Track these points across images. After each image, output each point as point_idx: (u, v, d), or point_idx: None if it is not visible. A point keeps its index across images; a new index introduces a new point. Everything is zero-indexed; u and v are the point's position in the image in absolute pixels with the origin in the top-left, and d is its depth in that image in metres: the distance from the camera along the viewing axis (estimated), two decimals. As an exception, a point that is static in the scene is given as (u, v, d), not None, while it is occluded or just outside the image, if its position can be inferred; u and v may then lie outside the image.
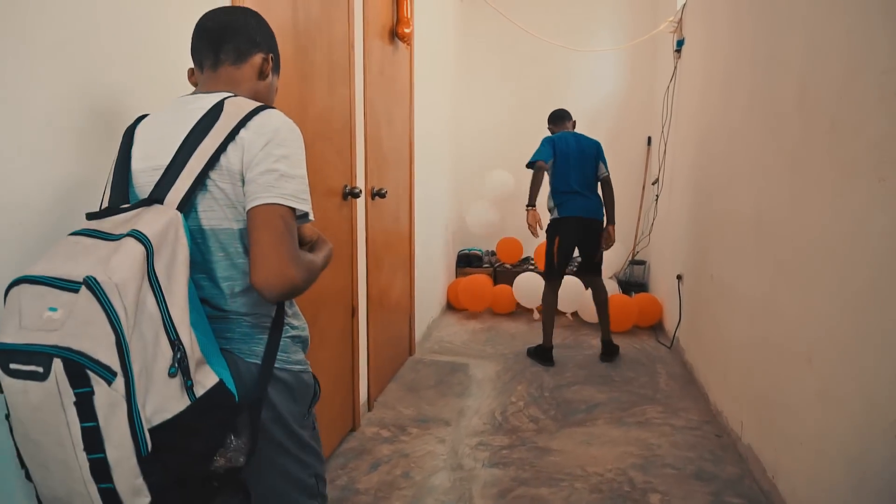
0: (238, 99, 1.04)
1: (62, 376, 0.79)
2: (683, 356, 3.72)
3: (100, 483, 0.81)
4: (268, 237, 0.97)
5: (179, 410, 0.88)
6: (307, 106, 2.12)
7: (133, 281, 0.84)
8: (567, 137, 3.72)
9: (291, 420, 1.13)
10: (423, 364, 3.67)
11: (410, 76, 3.56)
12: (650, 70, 5.09)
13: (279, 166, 0.99)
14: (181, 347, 0.88)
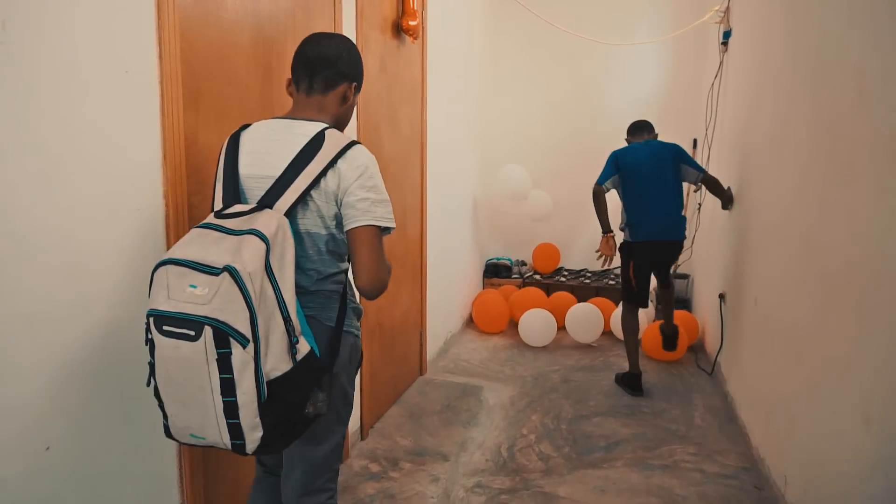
0: (334, 132, 1.29)
1: (210, 339, 1.04)
2: (724, 386, 3.31)
3: (229, 419, 1.08)
4: (367, 252, 1.25)
5: (287, 370, 1.14)
6: (272, 106, 1.87)
7: (259, 271, 1.09)
8: (636, 149, 3.30)
9: (346, 377, 1.38)
10: (432, 385, 3.39)
11: (422, 74, 3.30)
12: (695, 65, 4.65)
13: (370, 195, 1.25)
14: (290, 322, 1.14)
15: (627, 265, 3.31)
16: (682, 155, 3.29)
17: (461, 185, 4.28)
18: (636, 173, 3.24)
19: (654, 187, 3.21)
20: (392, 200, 2.71)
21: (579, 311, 4.05)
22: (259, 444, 1.12)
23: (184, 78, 1.49)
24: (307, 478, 1.37)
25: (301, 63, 1.35)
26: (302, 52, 1.36)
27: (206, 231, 1.15)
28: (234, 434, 1.10)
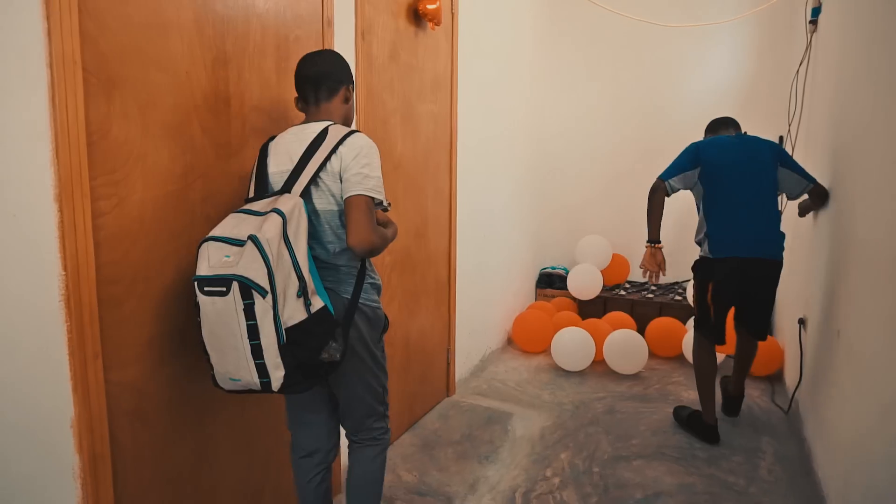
0: (336, 126, 1.54)
1: (237, 293, 1.28)
2: (802, 430, 2.76)
3: (256, 360, 1.31)
4: (357, 215, 1.45)
5: (301, 319, 1.37)
6: (227, 98, 1.63)
7: (276, 238, 1.33)
8: (725, 142, 2.70)
9: (370, 341, 1.60)
10: (457, 409, 3.06)
11: (451, 66, 2.99)
12: (776, 49, 4.03)
13: (363, 171, 1.47)
14: (303, 280, 1.37)
15: (705, 288, 2.71)
16: (784, 156, 2.67)
17: (505, 189, 3.92)
18: (724, 171, 2.62)
19: (748, 191, 2.59)
20: (410, 208, 2.43)
21: (618, 340, 3.52)
22: (283, 382, 1.34)
23: (90, 61, 1.27)
24: (359, 417, 1.67)
25: (305, 82, 1.60)
26: (303, 74, 1.60)
27: (238, 215, 1.44)
28: (261, 373, 1.33)
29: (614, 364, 3.51)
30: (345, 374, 1.58)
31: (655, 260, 2.72)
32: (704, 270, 2.73)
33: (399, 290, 2.62)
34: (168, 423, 1.54)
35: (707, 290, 2.71)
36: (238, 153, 1.69)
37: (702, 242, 2.75)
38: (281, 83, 1.84)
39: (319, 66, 1.59)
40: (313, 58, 1.61)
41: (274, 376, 1.33)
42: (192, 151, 1.54)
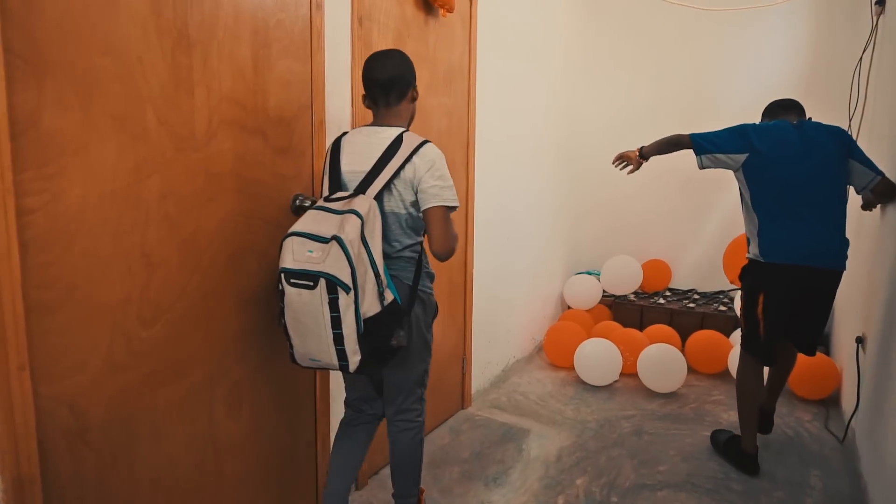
0: (410, 134, 1.65)
1: (323, 288, 1.44)
2: (857, 464, 2.43)
3: (337, 346, 1.49)
4: (438, 226, 1.62)
5: (377, 311, 1.53)
6: (190, 87, 1.49)
7: (357, 239, 1.47)
8: (784, 129, 2.33)
9: (423, 325, 1.76)
10: (471, 424, 2.87)
11: (469, 58, 2.79)
12: (837, 34, 3.64)
13: (438, 182, 1.61)
14: (380, 277, 1.53)
15: (755, 298, 2.35)
16: (852, 146, 2.31)
17: (532, 187, 3.69)
18: (782, 164, 2.26)
19: (810, 188, 2.26)
20: None
21: (653, 356, 3.23)
22: (358, 365, 1.50)
23: (16, 43, 1.15)
24: (400, 398, 1.79)
25: (376, 86, 1.67)
26: (373, 77, 1.67)
27: (318, 212, 1.54)
28: (341, 357, 1.50)
29: (649, 381, 3.23)
30: (398, 354, 1.68)
31: (631, 162, 2.72)
32: (755, 278, 2.38)
33: (404, 296, 2.45)
34: (117, 442, 1.41)
35: (757, 302, 2.36)
36: (205, 147, 1.55)
37: (751, 241, 2.40)
38: (259, 72, 1.69)
39: (390, 71, 1.66)
40: (383, 62, 1.67)
41: (352, 360, 1.50)
42: (147, 144, 1.41)
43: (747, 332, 2.45)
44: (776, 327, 2.35)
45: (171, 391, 1.53)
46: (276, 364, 1.84)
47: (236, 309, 1.69)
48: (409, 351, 1.72)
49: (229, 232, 1.64)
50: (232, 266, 1.66)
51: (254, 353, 1.77)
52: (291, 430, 1.95)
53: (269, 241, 1.76)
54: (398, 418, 1.81)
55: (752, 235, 2.40)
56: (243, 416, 1.75)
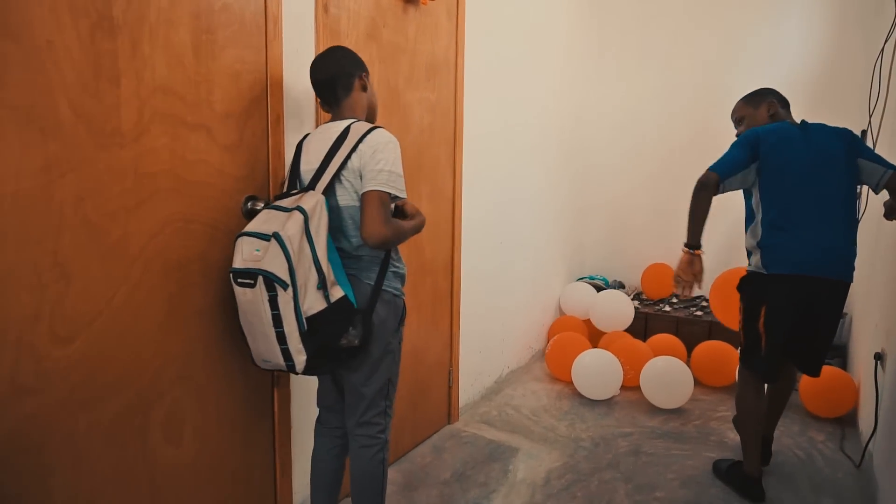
0: (358, 123, 1.59)
1: (262, 285, 1.40)
2: (875, 492, 2.22)
3: (281, 345, 1.44)
4: (368, 209, 1.51)
5: (321, 309, 1.47)
6: (116, 77, 1.33)
7: (297, 234, 1.43)
8: (788, 130, 2.16)
9: (388, 329, 1.66)
10: (456, 441, 2.69)
11: (456, 48, 2.61)
12: (856, 25, 3.40)
13: (379, 166, 1.52)
14: (322, 273, 1.47)
15: (756, 310, 2.17)
16: (858, 145, 2.16)
17: (529, 188, 3.50)
18: (789, 168, 2.10)
19: (816, 193, 2.09)
20: None
21: (658, 370, 3.01)
22: (305, 366, 1.46)
23: None
24: (360, 410, 1.68)
25: (319, 87, 1.66)
26: (315, 80, 1.66)
27: (269, 211, 1.52)
28: (286, 357, 1.45)
29: (652, 396, 3.02)
30: (358, 358, 1.62)
31: (692, 269, 2.19)
32: (756, 290, 2.20)
33: (380, 305, 2.28)
34: (25, 474, 1.25)
35: (759, 315, 2.17)
36: (135, 143, 1.39)
37: (752, 253, 2.23)
38: (202, 61, 1.53)
39: (329, 69, 1.63)
40: (321, 62, 1.65)
41: (297, 360, 1.45)
42: (60, 140, 1.25)
43: (747, 347, 2.25)
44: (779, 342, 2.16)
45: (93, 416, 1.37)
46: (226, 380, 1.68)
47: (175, 323, 1.53)
48: (370, 356, 1.63)
49: (166, 238, 1.48)
50: (169, 276, 1.50)
51: (198, 370, 1.61)
52: (246, 452, 1.78)
53: (215, 248, 1.60)
54: (358, 432, 1.68)
55: (752, 248, 2.22)
56: (185, 440, 1.59)
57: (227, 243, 1.62)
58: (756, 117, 2.34)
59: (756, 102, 2.36)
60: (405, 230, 1.61)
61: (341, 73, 1.63)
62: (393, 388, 1.72)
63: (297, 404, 1.95)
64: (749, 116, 2.37)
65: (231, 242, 1.61)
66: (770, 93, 2.36)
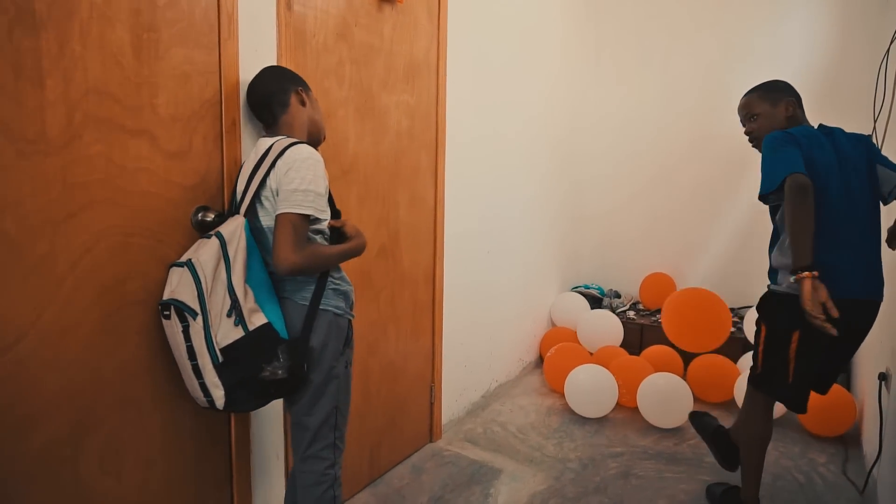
0: (281, 139, 1.49)
1: (175, 315, 1.33)
2: (879, 523, 2.07)
3: (198, 379, 1.35)
4: (279, 234, 1.39)
5: (236, 338, 1.36)
6: (40, 77, 1.21)
7: (211, 260, 1.36)
8: (817, 136, 1.91)
9: (329, 353, 1.52)
10: (437, 461, 2.56)
11: (438, 49, 2.49)
12: (859, 25, 3.27)
13: (292, 185, 1.40)
14: (235, 299, 1.36)
15: (787, 337, 1.90)
16: (875, 150, 1.97)
17: (520, 195, 3.38)
18: (826, 178, 1.85)
19: (852, 205, 1.87)
20: (365, 218, 2.18)
21: (658, 388, 2.86)
22: (225, 401, 1.36)
23: None
24: (305, 443, 1.54)
25: (257, 110, 1.61)
26: (250, 103, 1.62)
27: (201, 239, 1.45)
28: (204, 391, 1.36)
29: (650, 416, 2.86)
30: (300, 389, 1.51)
31: (819, 297, 1.69)
32: (790, 314, 1.84)
33: (352, 320, 2.16)
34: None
35: (790, 342, 1.90)
36: (63, 149, 1.28)
37: (782, 272, 1.95)
38: (144, 62, 1.41)
39: (259, 90, 1.58)
40: (252, 85, 1.60)
41: (215, 395, 1.36)
42: (-30, 147, 1.14)
43: (767, 373, 2.00)
44: (812, 371, 1.94)
45: (14, 449, 1.25)
46: (173, 404, 1.56)
47: (113, 345, 1.41)
48: (310, 384, 1.50)
49: (101, 253, 1.37)
50: (106, 294, 1.39)
51: (141, 394, 1.49)
52: (198, 485, 1.66)
53: (159, 263, 1.48)
54: (304, 468, 1.55)
55: (783, 265, 1.95)
56: (126, 472, 1.47)
57: (174, 257, 1.50)
58: (774, 117, 2.02)
59: (775, 99, 2.02)
60: (327, 255, 1.47)
61: (275, 89, 1.56)
62: (342, 418, 1.58)
63: (259, 430, 1.83)
64: (765, 115, 2.03)
65: (178, 255, 1.49)
66: (788, 89, 2.05)
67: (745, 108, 2.09)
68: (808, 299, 1.69)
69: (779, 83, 2.06)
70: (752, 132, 2.07)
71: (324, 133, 1.68)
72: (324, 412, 1.53)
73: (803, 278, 1.71)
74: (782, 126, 1.99)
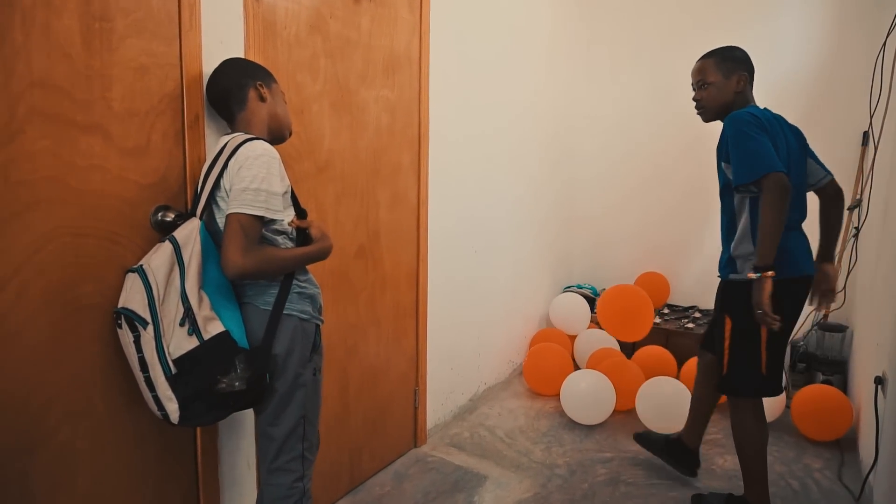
0: (237, 136, 1.41)
1: (125, 325, 1.26)
2: (875, 532, 2.00)
3: (150, 392, 1.27)
4: (227, 236, 1.31)
5: (190, 349, 1.28)
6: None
7: (163, 266, 1.29)
8: (774, 121, 1.92)
9: (296, 360, 1.44)
10: (421, 467, 2.48)
11: (420, 42, 2.42)
12: (855, 19, 3.19)
13: (243, 184, 1.32)
14: (188, 306, 1.29)
15: (756, 329, 1.88)
16: (806, 143, 2.05)
17: (510, 193, 3.30)
18: (785, 169, 1.82)
19: (796, 195, 1.92)
20: (343, 218, 2.10)
21: (652, 390, 2.77)
22: (180, 415, 1.28)
23: None
24: (271, 455, 1.46)
25: (216, 107, 1.53)
26: (209, 100, 1.54)
27: (160, 243, 1.37)
28: (158, 405, 1.28)
29: (649, 420, 2.75)
30: (269, 391, 1.43)
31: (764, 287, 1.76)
32: None
33: (328, 323, 2.08)
34: None
35: (760, 333, 1.88)
36: (6, 146, 1.20)
37: (747, 261, 1.91)
38: (94, 52, 1.34)
39: (217, 86, 1.50)
40: (210, 81, 1.52)
41: (169, 409, 1.28)
42: None
43: (738, 373, 1.96)
44: (781, 355, 1.95)
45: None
46: (133, 416, 1.48)
47: (64, 352, 1.33)
48: (275, 393, 1.43)
49: (49, 255, 1.29)
50: (56, 298, 1.31)
51: (96, 405, 1.41)
52: (162, 499, 1.58)
53: (114, 265, 1.41)
54: (271, 481, 1.48)
55: (745, 254, 1.92)
56: (80, 487, 1.39)
57: (132, 259, 1.42)
58: (724, 90, 1.98)
59: (729, 70, 1.98)
60: (282, 259, 1.39)
61: (231, 85, 1.47)
62: (311, 428, 1.51)
63: (228, 439, 1.75)
64: (718, 85, 1.99)
65: (136, 258, 1.42)
66: (745, 61, 2.00)
67: (698, 72, 2.05)
68: (766, 299, 1.75)
69: (737, 52, 2.02)
70: (701, 101, 2.05)
71: (289, 128, 1.59)
72: (290, 422, 1.46)
73: (768, 277, 1.75)
74: (730, 101, 1.98)
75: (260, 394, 1.39)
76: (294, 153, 1.88)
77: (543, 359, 3.23)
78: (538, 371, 3.23)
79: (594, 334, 3.51)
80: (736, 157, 1.82)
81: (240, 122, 1.49)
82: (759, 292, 1.76)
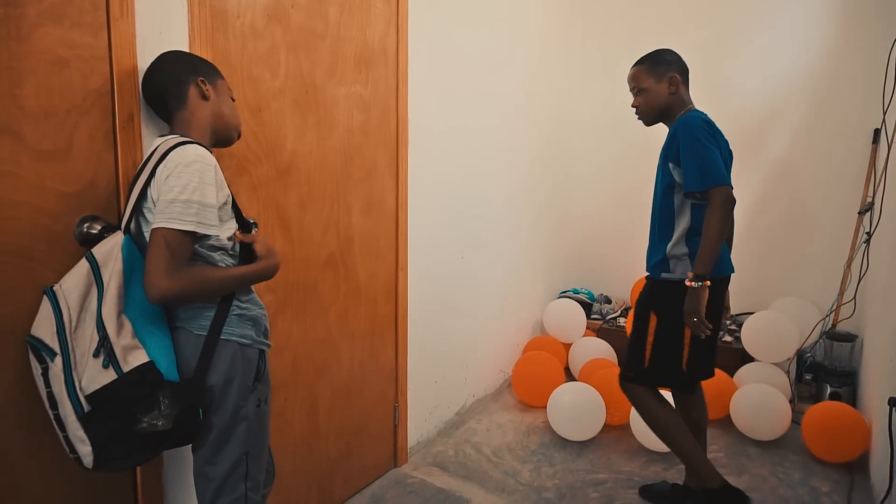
0: (169, 139, 1.24)
1: (33, 356, 1.12)
2: (889, 571, 1.83)
3: (61, 432, 1.12)
4: (150, 255, 1.14)
5: (106, 383, 1.11)
6: None
7: (76, 287, 1.14)
8: (719, 130, 1.97)
9: (236, 390, 1.27)
10: (399, 489, 2.32)
11: (397, 35, 2.24)
12: (874, 9, 3.00)
13: (170, 195, 1.15)
14: (105, 336, 1.12)
15: (680, 327, 1.91)
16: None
17: (498, 195, 3.12)
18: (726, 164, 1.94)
19: None
20: (309, 225, 1.92)
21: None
22: (94, 459, 1.11)
23: None
24: (209, 497, 1.30)
25: (150, 103, 1.37)
26: (145, 96, 1.38)
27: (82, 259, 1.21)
28: (69, 447, 1.13)
29: (643, 435, 2.58)
30: (204, 427, 1.27)
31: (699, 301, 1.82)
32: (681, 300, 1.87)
33: (293, 340, 1.91)
34: None
35: (683, 331, 1.92)
36: None
37: (679, 260, 1.94)
38: (13, 40, 1.17)
39: (152, 83, 1.34)
40: (146, 76, 1.36)
41: (81, 452, 1.11)
42: None
43: (658, 366, 1.99)
44: (701, 353, 1.97)
45: None
46: (56, 456, 1.31)
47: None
48: (213, 430, 1.27)
49: None
50: (-44, 325, 1.14)
51: (7, 445, 1.24)
52: (95, 537, 1.42)
53: (32, 286, 1.24)
54: None
55: (682, 255, 1.93)
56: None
57: (53, 277, 1.25)
58: (658, 94, 2.00)
59: (660, 74, 1.99)
60: (218, 280, 1.22)
61: (169, 82, 1.31)
62: (255, 465, 1.34)
63: (174, 475, 1.58)
64: (651, 91, 2.00)
65: (58, 276, 1.25)
66: (676, 62, 2.01)
67: (633, 80, 2.05)
68: (702, 307, 1.80)
69: (666, 55, 2.01)
70: (639, 107, 2.04)
71: (237, 129, 1.43)
72: (231, 460, 1.29)
73: (706, 287, 1.80)
74: (666, 104, 1.99)
75: (190, 432, 1.22)
76: (251, 156, 1.71)
77: (533, 369, 3.07)
78: (528, 382, 3.06)
79: (590, 343, 3.34)
80: (688, 164, 1.84)
81: (179, 123, 1.33)
82: (696, 300, 1.81)
